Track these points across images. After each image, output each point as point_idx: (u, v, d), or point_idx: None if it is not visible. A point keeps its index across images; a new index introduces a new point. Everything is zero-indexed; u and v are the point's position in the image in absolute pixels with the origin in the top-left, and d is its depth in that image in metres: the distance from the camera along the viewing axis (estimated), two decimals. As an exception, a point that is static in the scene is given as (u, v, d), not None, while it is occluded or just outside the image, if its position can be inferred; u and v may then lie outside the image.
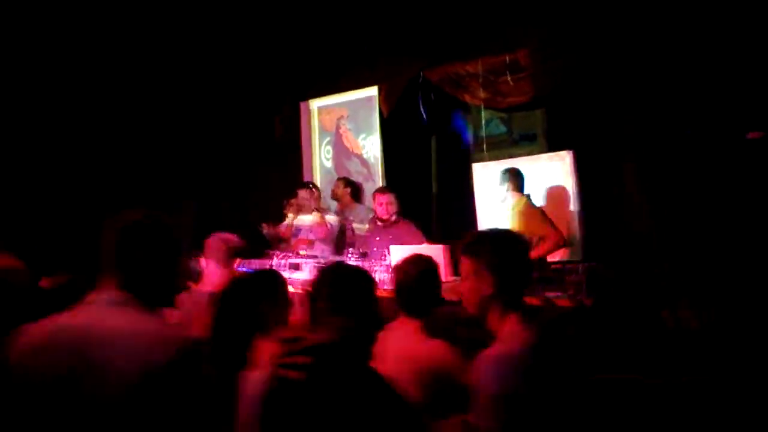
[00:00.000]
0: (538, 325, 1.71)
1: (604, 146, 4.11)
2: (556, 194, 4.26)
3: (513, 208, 3.90)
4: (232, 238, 3.01)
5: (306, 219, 4.83)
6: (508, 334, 1.65)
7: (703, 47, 3.52)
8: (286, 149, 6.27)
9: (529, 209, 3.85)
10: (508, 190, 3.93)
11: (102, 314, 1.42)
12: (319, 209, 4.78)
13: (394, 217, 4.47)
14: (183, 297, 2.75)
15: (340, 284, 1.64)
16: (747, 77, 3.29)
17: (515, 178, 3.95)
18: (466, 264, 1.73)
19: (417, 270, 2.23)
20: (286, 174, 6.20)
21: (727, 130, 3.37)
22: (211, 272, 2.86)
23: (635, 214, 3.86)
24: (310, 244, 4.49)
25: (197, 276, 3.16)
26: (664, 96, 3.69)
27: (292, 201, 5.27)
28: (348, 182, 5.42)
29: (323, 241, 4.69)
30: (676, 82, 3.62)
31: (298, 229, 4.76)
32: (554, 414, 1.59)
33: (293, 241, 4.65)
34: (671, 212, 3.57)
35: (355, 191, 5.42)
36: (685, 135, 3.49)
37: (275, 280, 2.20)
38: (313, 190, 4.91)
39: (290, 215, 4.93)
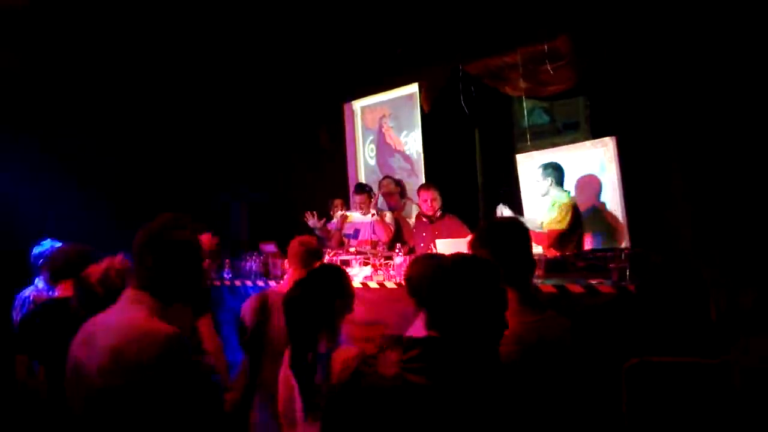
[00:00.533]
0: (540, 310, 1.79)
1: (647, 131, 4.06)
2: (599, 181, 4.25)
3: (554, 203, 3.89)
4: (311, 241, 3.12)
5: (361, 219, 4.88)
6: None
7: (742, 38, 3.44)
8: (332, 149, 6.45)
9: (570, 211, 3.82)
10: (551, 185, 3.92)
11: (114, 311, 1.60)
12: (378, 211, 4.83)
13: (438, 213, 4.55)
14: (260, 296, 2.94)
15: (450, 279, 1.53)
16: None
17: (556, 173, 3.94)
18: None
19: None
20: (332, 173, 6.38)
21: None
22: (291, 275, 2.99)
23: (678, 200, 3.80)
24: (374, 245, 4.54)
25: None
26: (705, 81, 3.62)
27: (336, 201, 5.40)
28: (396, 181, 5.50)
29: (384, 239, 4.75)
30: (719, 66, 3.55)
31: (357, 230, 4.82)
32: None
33: (353, 242, 4.70)
34: (714, 198, 3.51)
35: (403, 189, 5.49)
36: (727, 120, 3.42)
37: (339, 273, 2.33)
38: (372, 194, 4.97)
39: (338, 214, 5.04)
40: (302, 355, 2.10)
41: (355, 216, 4.95)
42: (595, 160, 4.33)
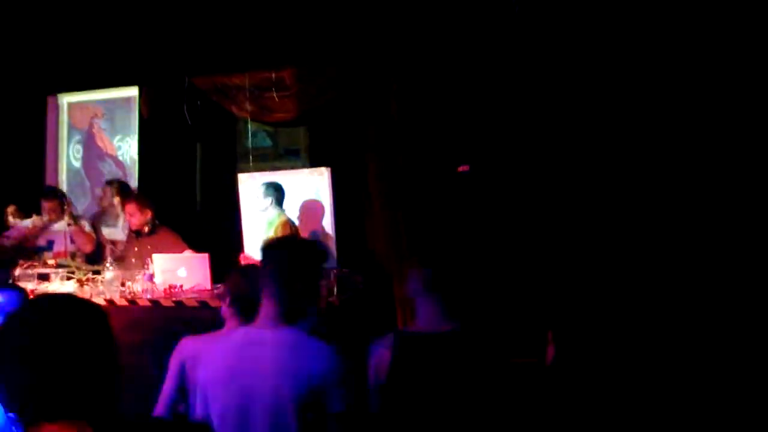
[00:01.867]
0: None
1: (357, 164, 4.64)
2: (314, 206, 4.65)
3: (271, 222, 4.18)
4: None
5: (56, 228, 4.34)
6: None
7: (427, 88, 4.25)
8: (28, 147, 5.59)
9: (286, 228, 4.15)
10: (271, 204, 4.20)
11: None
12: (74, 218, 4.35)
13: (147, 228, 4.32)
14: None
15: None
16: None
17: (277, 193, 4.24)
18: None
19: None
20: (26, 174, 5.53)
21: (445, 162, 4.16)
22: None
23: (378, 226, 4.44)
24: (72, 256, 4.06)
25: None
26: (400, 127, 4.36)
27: (10, 208, 4.69)
28: (121, 189, 4.87)
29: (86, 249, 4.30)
30: (409, 117, 4.32)
31: (51, 241, 4.25)
32: None
33: (49, 254, 4.13)
34: (406, 226, 4.23)
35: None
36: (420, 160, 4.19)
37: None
38: (65, 199, 4.45)
39: (34, 218, 4.37)
40: None
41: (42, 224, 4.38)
42: (311, 186, 4.74)
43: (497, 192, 3.99)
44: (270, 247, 1.91)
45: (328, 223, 4.62)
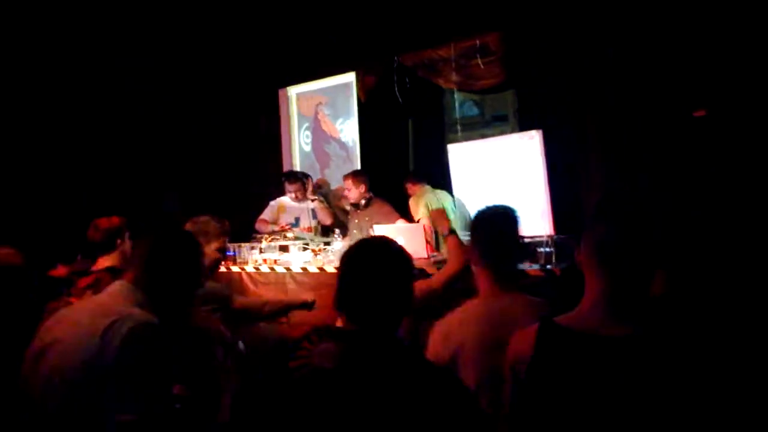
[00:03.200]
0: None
1: (569, 125, 4.34)
2: (526, 172, 4.48)
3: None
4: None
5: (299, 207, 4.89)
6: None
7: (652, 32, 3.75)
8: (267, 136, 6.39)
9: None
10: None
11: (93, 300, 1.82)
12: (318, 196, 4.87)
13: (363, 201, 4.65)
14: None
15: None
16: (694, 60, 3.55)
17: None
18: None
19: None
20: (267, 160, 6.34)
21: (676, 108, 3.63)
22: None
23: (596, 189, 4.11)
24: (313, 230, 4.56)
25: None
26: (622, 77, 3.92)
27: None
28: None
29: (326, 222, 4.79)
30: (632, 66, 3.86)
31: (297, 218, 4.82)
32: None
33: (297, 230, 4.64)
34: (629, 188, 3.83)
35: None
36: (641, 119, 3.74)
37: None
38: (306, 180, 5.00)
39: (274, 203, 4.94)
40: None
41: (288, 203, 4.94)
42: (523, 152, 4.56)
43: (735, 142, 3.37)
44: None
45: (539, 189, 4.41)
